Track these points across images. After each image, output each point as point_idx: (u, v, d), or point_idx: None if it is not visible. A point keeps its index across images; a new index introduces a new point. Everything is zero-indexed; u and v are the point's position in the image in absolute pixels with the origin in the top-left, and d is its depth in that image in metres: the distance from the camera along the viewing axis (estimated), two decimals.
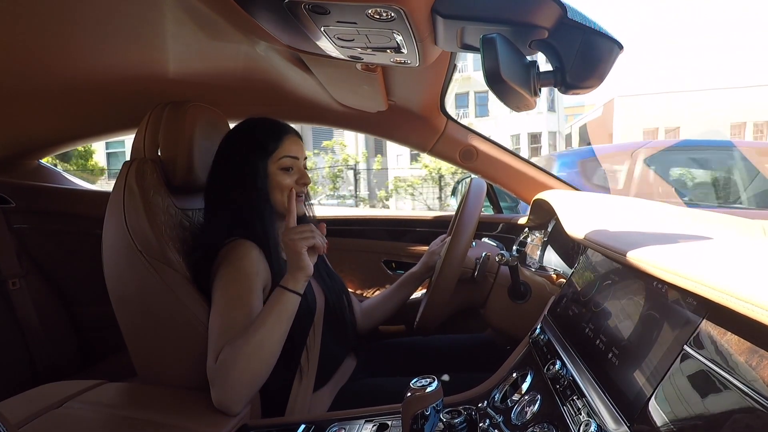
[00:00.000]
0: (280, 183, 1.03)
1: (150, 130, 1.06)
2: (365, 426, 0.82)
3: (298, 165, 1.06)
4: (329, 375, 1.08)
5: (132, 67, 1.30)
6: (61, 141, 1.81)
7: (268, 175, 1.03)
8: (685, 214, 1.21)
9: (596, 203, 1.27)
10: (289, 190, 1.03)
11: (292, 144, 1.05)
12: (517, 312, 1.20)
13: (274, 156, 1.03)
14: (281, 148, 1.04)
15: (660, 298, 0.61)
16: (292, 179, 1.05)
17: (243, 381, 0.83)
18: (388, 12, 0.59)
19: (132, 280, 0.97)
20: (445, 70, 1.26)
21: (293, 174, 1.05)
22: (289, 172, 1.05)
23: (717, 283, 0.47)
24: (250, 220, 1.01)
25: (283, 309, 0.88)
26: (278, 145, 1.04)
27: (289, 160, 1.04)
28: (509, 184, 1.75)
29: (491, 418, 0.76)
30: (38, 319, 1.62)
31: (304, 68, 1.07)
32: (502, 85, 0.55)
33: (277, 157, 1.03)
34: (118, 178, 1.01)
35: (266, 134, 1.05)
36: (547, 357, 0.81)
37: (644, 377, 0.56)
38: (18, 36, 1.02)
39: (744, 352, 0.45)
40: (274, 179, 1.03)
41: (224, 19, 0.81)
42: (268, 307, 0.88)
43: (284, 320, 0.88)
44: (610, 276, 0.79)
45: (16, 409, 0.87)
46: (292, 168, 1.05)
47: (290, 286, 0.89)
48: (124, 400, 0.94)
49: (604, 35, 0.58)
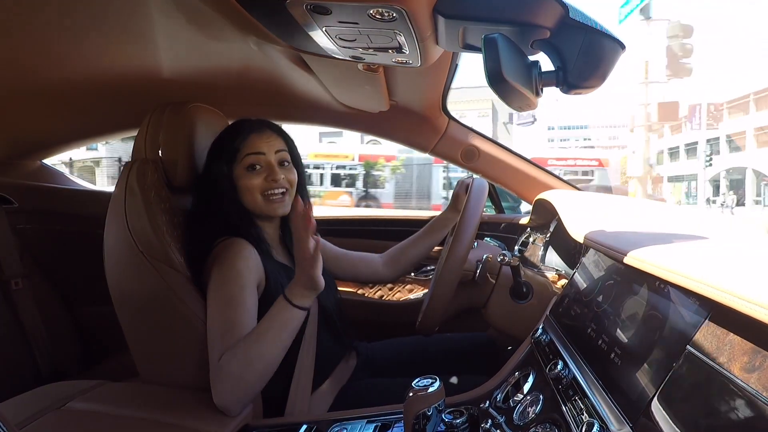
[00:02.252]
0: (246, 184, 1.00)
1: (151, 130, 1.06)
2: (367, 426, 0.82)
3: (265, 160, 1.01)
4: (327, 373, 1.08)
5: (133, 68, 1.30)
6: (64, 141, 1.81)
7: (233, 179, 1.00)
8: (687, 214, 1.21)
9: (598, 203, 1.27)
10: (259, 191, 1.00)
11: (256, 140, 1.01)
12: (518, 312, 1.20)
13: (237, 158, 1.00)
14: (243, 147, 1.00)
15: (662, 299, 0.61)
16: (259, 179, 1.01)
17: (241, 386, 0.83)
18: (390, 12, 0.59)
19: (133, 280, 0.97)
20: (447, 70, 1.26)
21: (260, 172, 1.01)
22: (256, 170, 1.01)
23: (720, 284, 0.47)
24: (231, 224, 1.00)
25: (287, 324, 0.87)
26: (239, 146, 1.00)
27: (252, 157, 1.00)
28: (511, 184, 1.75)
29: (493, 418, 0.76)
30: (40, 319, 1.62)
31: (305, 68, 1.07)
32: (504, 85, 0.55)
33: (240, 157, 1.00)
34: (120, 178, 1.01)
35: (227, 137, 1.03)
36: (549, 357, 0.81)
37: (647, 377, 0.56)
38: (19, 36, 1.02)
39: (747, 353, 0.44)
40: (239, 183, 1.00)
41: (226, 19, 0.81)
42: (271, 319, 0.87)
43: (287, 336, 0.87)
44: (612, 276, 0.79)
45: (18, 409, 0.87)
46: (259, 165, 1.01)
47: (296, 301, 0.87)
48: (126, 400, 0.94)
49: (606, 35, 0.58)
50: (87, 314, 1.77)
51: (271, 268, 1.00)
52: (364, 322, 1.78)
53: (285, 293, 0.88)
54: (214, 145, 1.05)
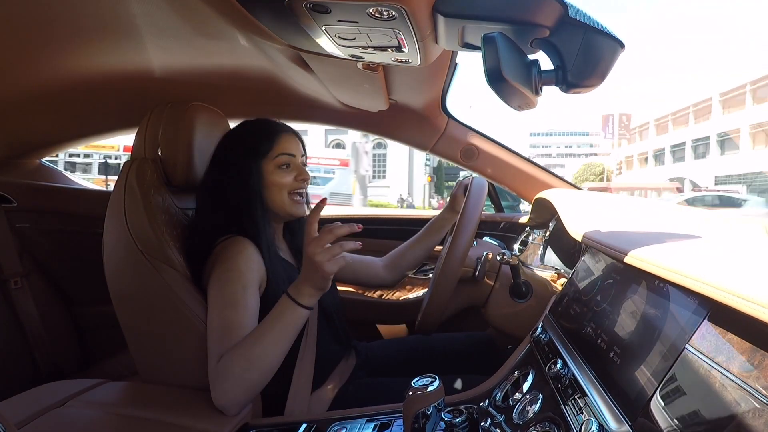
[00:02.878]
0: (278, 181, 1.03)
1: (150, 129, 1.06)
2: (366, 425, 0.82)
3: (295, 162, 1.05)
4: (327, 373, 1.08)
5: (133, 67, 1.30)
6: (63, 140, 1.81)
7: (262, 176, 1.02)
8: (687, 214, 1.21)
9: (597, 202, 1.27)
10: (288, 189, 1.03)
11: (288, 141, 1.05)
12: (518, 311, 1.20)
13: (269, 155, 1.02)
14: (277, 146, 1.03)
15: (661, 297, 0.61)
16: (290, 177, 1.04)
17: (242, 387, 0.83)
18: (389, 11, 0.59)
19: (133, 279, 0.97)
20: (447, 69, 1.26)
21: (291, 171, 1.04)
22: (287, 169, 1.04)
23: (719, 282, 0.47)
24: (243, 220, 1.00)
25: (289, 324, 0.86)
26: (273, 144, 1.03)
27: (285, 157, 1.03)
28: (510, 183, 1.75)
29: (493, 417, 0.76)
30: (40, 318, 1.62)
31: (305, 67, 1.07)
32: (504, 84, 0.55)
33: (273, 155, 1.03)
34: (119, 177, 1.01)
35: (261, 134, 1.05)
36: (549, 356, 0.81)
37: (646, 376, 0.56)
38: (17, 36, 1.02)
39: (746, 351, 0.45)
40: (270, 179, 1.02)
41: (225, 18, 0.81)
42: (274, 318, 0.86)
43: (290, 335, 0.87)
44: (611, 275, 0.79)
45: (17, 409, 0.87)
46: (289, 165, 1.04)
47: (302, 301, 0.86)
48: (125, 399, 0.94)
49: (605, 34, 0.58)
50: (86, 313, 1.77)
51: (275, 266, 1.00)
52: (364, 321, 1.79)
53: (289, 292, 0.87)
54: (242, 142, 1.05)
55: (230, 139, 1.07)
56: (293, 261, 1.12)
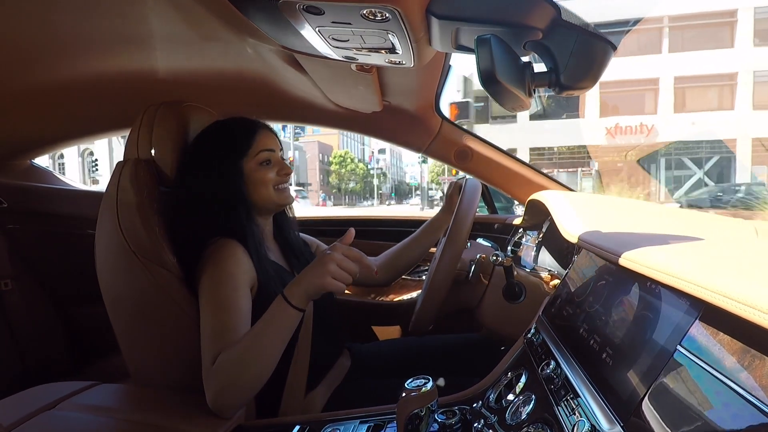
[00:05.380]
0: (262, 178, 1.03)
1: (143, 130, 1.06)
2: (360, 426, 0.82)
3: (275, 157, 1.06)
4: (322, 374, 1.08)
5: (125, 67, 1.29)
6: (53, 141, 1.79)
7: (244, 174, 1.02)
8: (679, 215, 1.22)
9: (591, 204, 1.28)
10: (272, 184, 1.04)
11: (266, 137, 1.05)
12: (511, 312, 1.20)
13: (249, 153, 1.03)
14: (255, 143, 1.03)
15: (653, 299, 0.62)
16: (272, 173, 1.05)
17: (236, 389, 0.82)
18: (383, 12, 0.59)
19: (125, 281, 0.96)
20: (440, 71, 1.27)
21: (272, 167, 1.05)
22: (268, 165, 1.04)
23: (710, 284, 0.48)
24: (229, 222, 0.99)
25: (283, 325, 0.85)
26: (252, 142, 1.03)
27: (266, 153, 1.04)
28: (504, 185, 1.76)
29: (486, 418, 0.77)
30: (30, 320, 1.61)
31: (298, 68, 1.07)
32: (497, 86, 0.55)
33: (253, 153, 1.03)
34: (112, 178, 1.00)
35: (239, 132, 1.05)
36: (542, 357, 0.81)
37: (638, 377, 0.56)
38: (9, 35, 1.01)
39: (736, 352, 0.45)
40: (253, 176, 1.03)
41: (218, 19, 0.81)
42: (267, 320, 0.85)
43: (283, 337, 0.85)
44: (604, 276, 0.79)
45: (8, 411, 0.86)
46: (270, 161, 1.05)
47: (296, 303, 0.85)
48: (117, 402, 0.93)
49: (597, 36, 0.59)
50: (77, 315, 1.76)
51: (265, 269, 0.99)
52: (358, 322, 1.79)
53: (284, 293, 0.86)
54: (220, 141, 1.04)
55: (206, 140, 1.05)
56: (284, 263, 1.12)
